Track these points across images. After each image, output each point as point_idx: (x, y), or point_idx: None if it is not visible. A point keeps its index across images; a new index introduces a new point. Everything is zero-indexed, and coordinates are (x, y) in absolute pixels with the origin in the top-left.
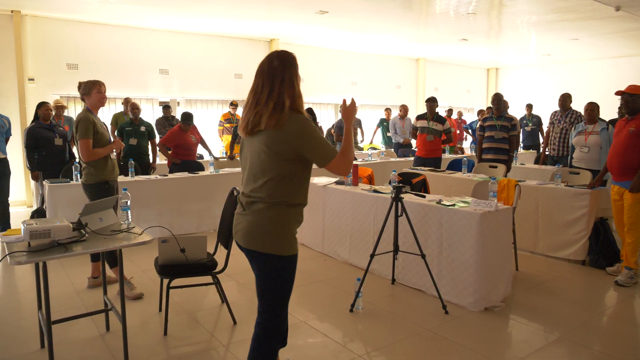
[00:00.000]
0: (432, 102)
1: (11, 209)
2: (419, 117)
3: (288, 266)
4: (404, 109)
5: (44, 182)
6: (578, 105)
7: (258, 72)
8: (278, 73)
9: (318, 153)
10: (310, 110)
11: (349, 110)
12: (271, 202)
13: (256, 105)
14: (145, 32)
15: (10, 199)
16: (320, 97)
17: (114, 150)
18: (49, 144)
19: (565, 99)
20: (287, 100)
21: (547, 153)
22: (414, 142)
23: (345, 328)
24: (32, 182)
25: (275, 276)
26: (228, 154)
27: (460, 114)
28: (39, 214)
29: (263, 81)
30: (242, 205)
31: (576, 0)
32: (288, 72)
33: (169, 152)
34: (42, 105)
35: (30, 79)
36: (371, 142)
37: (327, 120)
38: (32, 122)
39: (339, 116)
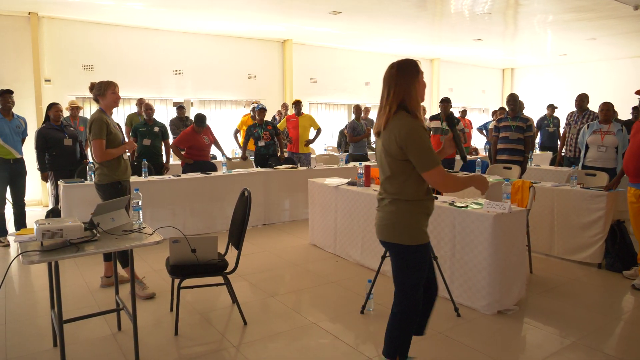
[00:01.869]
0: (445, 102)
1: (27, 209)
2: (432, 118)
3: (414, 255)
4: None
5: (58, 182)
6: (595, 106)
7: (383, 79)
8: (392, 79)
9: (419, 159)
10: (450, 115)
11: (483, 184)
12: (392, 198)
13: (380, 109)
14: (160, 34)
15: (27, 199)
16: (333, 98)
17: (127, 151)
18: (59, 144)
19: (582, 100)
20: (395, 103)
21: (563, 154)
22: None
23: (356, 330)
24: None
25: (402, 264)
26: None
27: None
28: (54, 213)
29: (383, 87)
30: (377, 202)
31: None
32: (402, 77)
33: (182, 152)
34: (52, 107)
35: (46, 80)
36: None
37: (340, 120)
38: (43, 123)
39: (352, 117)
